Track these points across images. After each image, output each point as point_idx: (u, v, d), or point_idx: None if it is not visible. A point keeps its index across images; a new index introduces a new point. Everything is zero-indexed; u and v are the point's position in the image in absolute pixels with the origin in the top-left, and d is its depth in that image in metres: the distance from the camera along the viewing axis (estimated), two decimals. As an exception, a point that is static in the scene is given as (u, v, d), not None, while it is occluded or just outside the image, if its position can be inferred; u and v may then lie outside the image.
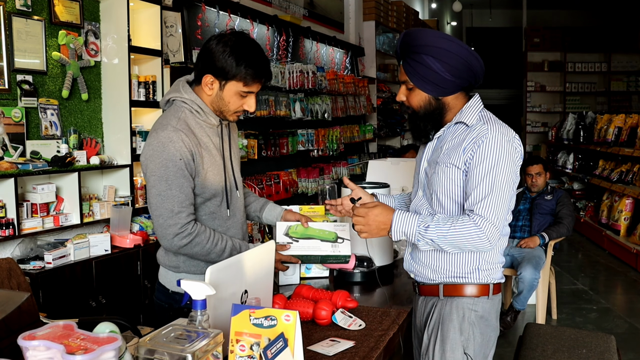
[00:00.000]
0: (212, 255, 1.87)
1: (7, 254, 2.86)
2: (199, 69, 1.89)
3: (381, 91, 7.73)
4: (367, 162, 3.79)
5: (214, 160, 1.92)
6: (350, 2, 7.15)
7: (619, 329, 4.29)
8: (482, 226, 1.63)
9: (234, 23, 4.59)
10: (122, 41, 3.39)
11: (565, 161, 8.77)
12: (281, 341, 1.29)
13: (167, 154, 1.80)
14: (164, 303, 1.99)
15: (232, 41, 1.83)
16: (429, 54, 1.70)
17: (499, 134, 1.69)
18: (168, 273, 1.98)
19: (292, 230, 2.11)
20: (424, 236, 1.67)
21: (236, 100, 1.89)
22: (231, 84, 1.85)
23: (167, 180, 1.80)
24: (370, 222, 1.74)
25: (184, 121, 1.87)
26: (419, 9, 11.33)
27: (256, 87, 1.88)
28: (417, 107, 1.79)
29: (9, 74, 2.94)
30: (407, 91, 1.80)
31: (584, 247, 7.03)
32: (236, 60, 1.81)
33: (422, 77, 1.73)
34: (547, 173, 4.50)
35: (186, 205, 1.83)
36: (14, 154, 2.93)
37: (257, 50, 1.87)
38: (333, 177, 5.97)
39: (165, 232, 1.82)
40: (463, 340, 1.75)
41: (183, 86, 1.92)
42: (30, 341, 1.10)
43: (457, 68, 1.71)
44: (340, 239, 2.11)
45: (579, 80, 11.84)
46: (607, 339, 2.61)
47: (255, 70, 1.84)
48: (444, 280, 1.79)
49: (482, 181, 1.66)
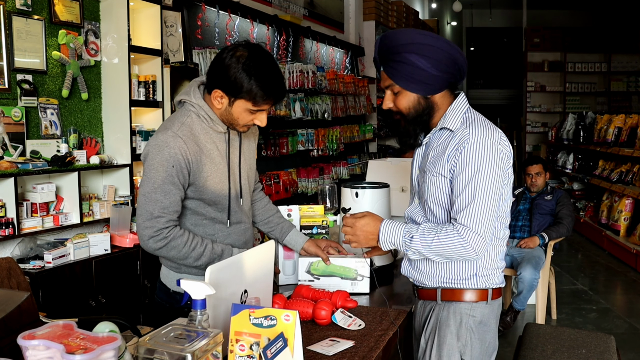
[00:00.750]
0: (189, 260, 1.85)
1: (6, 254, 2.86)
2: (209, 80, 1.84)
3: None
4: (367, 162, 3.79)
5: (217, 167, 1.89)
6: (350, 2, 7.15)
7: (619, 329, 4.29)
8: (465, 236, 1.59)
9: (234, 23, 4.59)
10: (122, 41, 3.39)
11: (565, 161, 8.77)
12: (281, 341, 1.29)
13: (160, 157, 1.78)
14: (165, 302, 1.99)
15: (244, 57, 1.76)
16: (412, 51, 1.64)
17: (480, 138, 1.63)
18: (170, 272, 1.97)
19: (313, 267, 2.15)
20: (410, 247, 1.66)
21: (246, 116, 1.84)
22: (240, 101, 1.80)
23: (155, 183, 1.79)
24: (358, 232, 1.74)
25: (188, 126, 1.83)
26: (419, 9, 11.33)
27: (267, 106, 1.83)
28: (406, 110, 1.73)
29: (9, 74, 2.94)
30: (393, 96, 1.74)
31: (584, 247, 7.03)
32: (247, 79, 1.75)
33: (407, 77, 1.67)
34: (546, 173, 4.50)
35: (168, 211, 1.80)
36: (13, 154, 2.93)
37: (270, 67, 1.79)
38: (333, 177, 5.97)
39: (142, 233, 1.81)
40: (460, 346, 1.72)
41: (194, 90, 1.88)
42: (30, 340, 1.10)
43: (442, 62, 1.65)
44: (360, 276, 2.15)
45: (579, 81, 11.84)
46: (607, 339, 2.61)
47: (265, 91, 1.77)
48: (441, 284, 1.76)
49: (464, 189, 1.62)
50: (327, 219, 2.37)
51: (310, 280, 2.14)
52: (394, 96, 1.74)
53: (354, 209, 2.39)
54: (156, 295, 2.05)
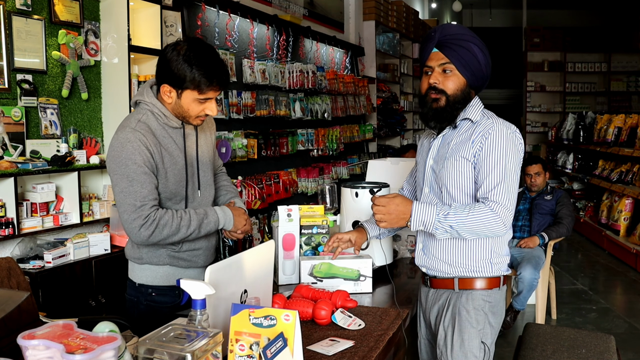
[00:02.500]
0: (182, 230, 1.90)
1: (6, 253, 2.86)
2: (157, 78, 1.94)
3: (381, 91, 7.73)
4: (366, 162, 3.79)
5: (175, 160, 1.96)
6: (350, 1, 7.15)
7: (619, 329, 4.29)
8: (497, 211, 1.74)
9: (234, 23, 4.59)
10: (122, 40, 3.39)
11: (565, 161, 8.77)
12: (280, 341, 1.29)
13: (126, 153, 1.85)
14: (133, 297, 2.05)
15: (184, 49, 1.86)
16: (475, 43, 1.83)
17: (504, 127, 1.82)
18: (134, 266, 2.04)
19: (316, 269, 2.17)
20: (443, 223, 1.76)
21: (195, 107, 1.92)
22: (187, 92, 1.88)
23: (128, 177, 1.85)
24: (392, 211, 1.81)
25: (144, 123, 1.92)
26: (419, 8, 11.33)
27: (212, 93, 1.90)
28: (452, 91, 1.84)
29: (9, 73, 2.94)
30: (443, 74, 1.85)
31: (584, 247, 7.03)
32: (189, 69, 1.84)
33: (465, 62, 1.83)
34: (546, 173, 4.50)
35: (149, 199, 1.87)
36: (13, 153, 2.93)
37: (210, 56, 1.88)
38: (333, 176, 5.97)
39: (132, 227, 1.86)
40: (480, 330, 1.85)
41: (147, 90, 1.97)
42: (30, 340, 1.10)
43: (489, 65, 1.87)
44: (363, 277, 2.17)
45: (579, 80, 11.84)
46: (607, 339, 2.61)
47: (208, 77, 1.86)
48: (459, 274, 1.88)
49: (493, 170, 1.77)
50: (327, 219, 2.37)
51: (313, 283, 2.15)
52: (443, 75, 1.86)
53: (354, 209, 2.40)
54: (126, 292, 2.10)
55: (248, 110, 4.50)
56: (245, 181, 4.45)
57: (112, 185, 1.90)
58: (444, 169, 1.86)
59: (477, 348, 1.85)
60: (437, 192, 1.90)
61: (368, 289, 2.16)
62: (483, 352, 1.86)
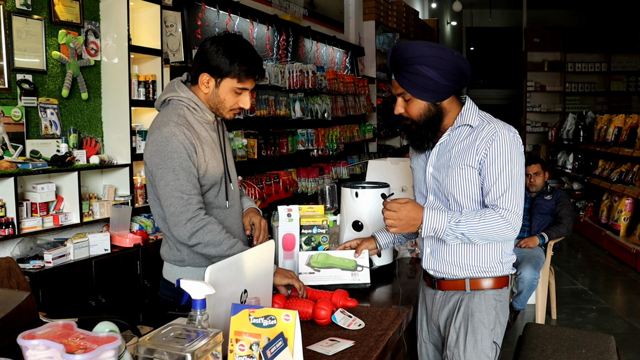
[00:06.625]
0: (223, 246, 1.89)
1: (6, 253, 2.86)
2: (195, 69, 1.99)
3: (381, 91, 7.73)
4: (366, 161, 3.79)
5: (214, 153, 2.01)
6: (350, 1, 7.15)
7: (619, 329, 4.29)
8: (507, 218, 1.77)
9: (234, 23, 4.59)
10: (122, 40, 3.39)
11: (565, 161, 8.77)
12: (280, 341, 1.29)
13: (171, 146, 1.87)
14: (169, 298, 2.03)
15: (225, 41, 1.94)
16: (422, 63, 1.77)
17: (507, 132, 1.80)
18: (173, 268, 2.04)
19: (313, 260, 2.18)
20: (455, 231, 1.77)
21: (231, 98, 1.98)
22: (226, 81, 1.95)
23: (174, 171, 1.87)
24: (403, 216, 1.80)
25: (183, 117, 1.95)
26: (419, 8, 11.32)
27: (250, 83, 1.98)
28: (417, 117, 1.85)
29: (9, 73, 2.94)
30: (405, 103, 1.86)
31: (584, 247, 7.03)
32: (230, 58, 1.91)
33: (418, 87, 1.80)
34: (545, 173, 4.50)
35: (195, 193, 1.89)
36: (13, 153, 2.93)
37: (249, 48, 1.97)
38: (333, 176, 5.97)
39: (178, 219, 1.86)
40: (492, 330, 1.87)
41: (179, 85, 2.01)
42: (30, 340, 1.10)
43: (450, 72, 1.79)
44: (360, 267, 2.17)
45: (579, 80, 11.84)
46: (607, 339, 2.61)
47: (248, 66, 1.94)
48: (470, 275, 1.88)
49: (500, 176, 1.78)
50: (327, 219, 2.37)
51: (310, 273, 2.14)
52: (405, 103, 1.86)
53: (354, 209, 2.40)
54: (160, 292, 2.10)
55: (248, 110, 4.50)
56: (245, 181, 4.45)
57: (157, 180, 1.90)
58: (448, 178, 1.85)
59: (490, 348, 1.86)
60: (443, 200, 1.89)
61: (366, 279, 2.15)
62: (495, 352, 1.88)
